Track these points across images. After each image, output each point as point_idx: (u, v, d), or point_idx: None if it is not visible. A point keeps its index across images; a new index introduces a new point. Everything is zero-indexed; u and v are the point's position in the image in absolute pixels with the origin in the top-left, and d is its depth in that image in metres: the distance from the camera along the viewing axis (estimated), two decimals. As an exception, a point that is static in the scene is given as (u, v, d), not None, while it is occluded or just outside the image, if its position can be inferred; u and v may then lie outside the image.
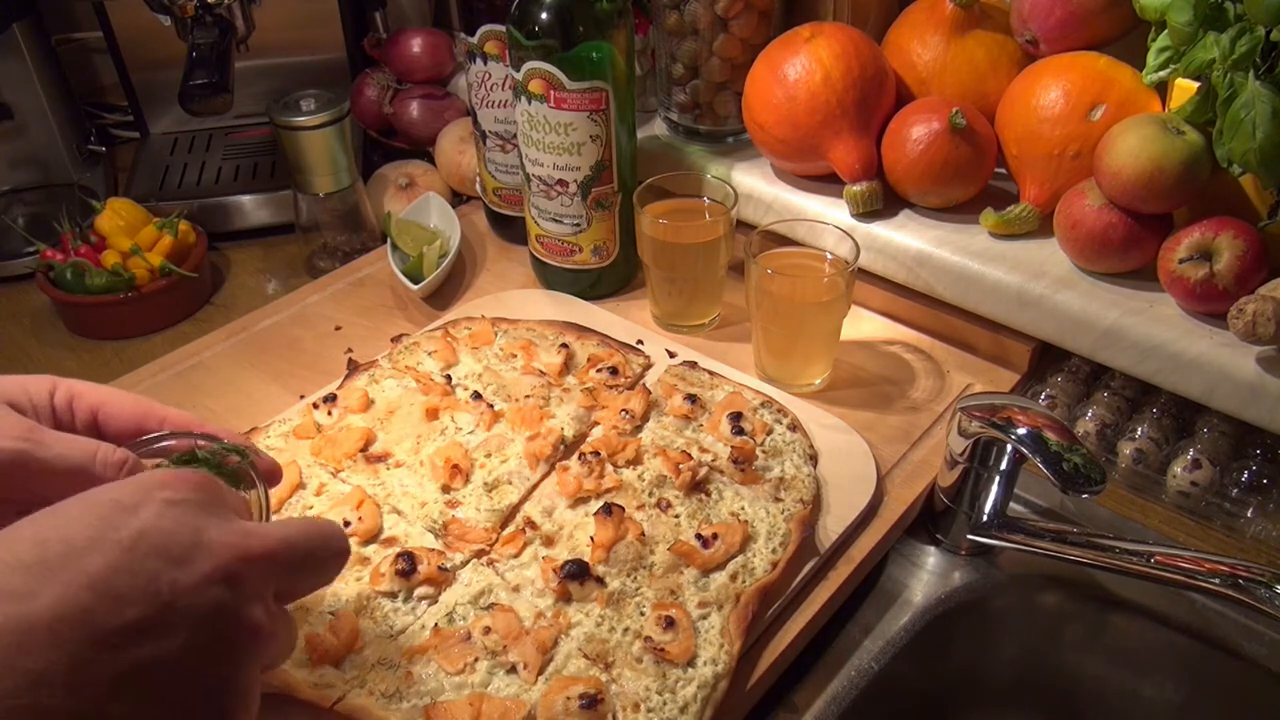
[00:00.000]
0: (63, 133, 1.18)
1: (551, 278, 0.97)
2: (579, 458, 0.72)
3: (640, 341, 0.88)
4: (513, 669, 0.59)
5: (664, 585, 0.64)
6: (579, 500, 0.70)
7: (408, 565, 0.64)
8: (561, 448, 0.75)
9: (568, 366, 0.83)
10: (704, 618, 0.62)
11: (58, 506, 0.35)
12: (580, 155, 0.87)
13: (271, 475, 0.53)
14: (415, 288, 0.94)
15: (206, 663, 0.36)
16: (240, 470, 0.51)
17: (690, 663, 0.60)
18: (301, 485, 0.72)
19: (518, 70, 0.84)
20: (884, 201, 0.88)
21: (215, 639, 0.36)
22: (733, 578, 0.64)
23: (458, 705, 0.57)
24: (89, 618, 0.32)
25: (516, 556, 0.67)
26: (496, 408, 0.78)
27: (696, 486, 0.71)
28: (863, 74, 0.87)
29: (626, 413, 0.77)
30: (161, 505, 0.37)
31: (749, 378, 0.83)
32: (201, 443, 0.51)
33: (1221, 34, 0.70)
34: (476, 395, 0.79)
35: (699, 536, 0.66)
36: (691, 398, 0.78)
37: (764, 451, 0.74)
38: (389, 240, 1.00)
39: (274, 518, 0.58)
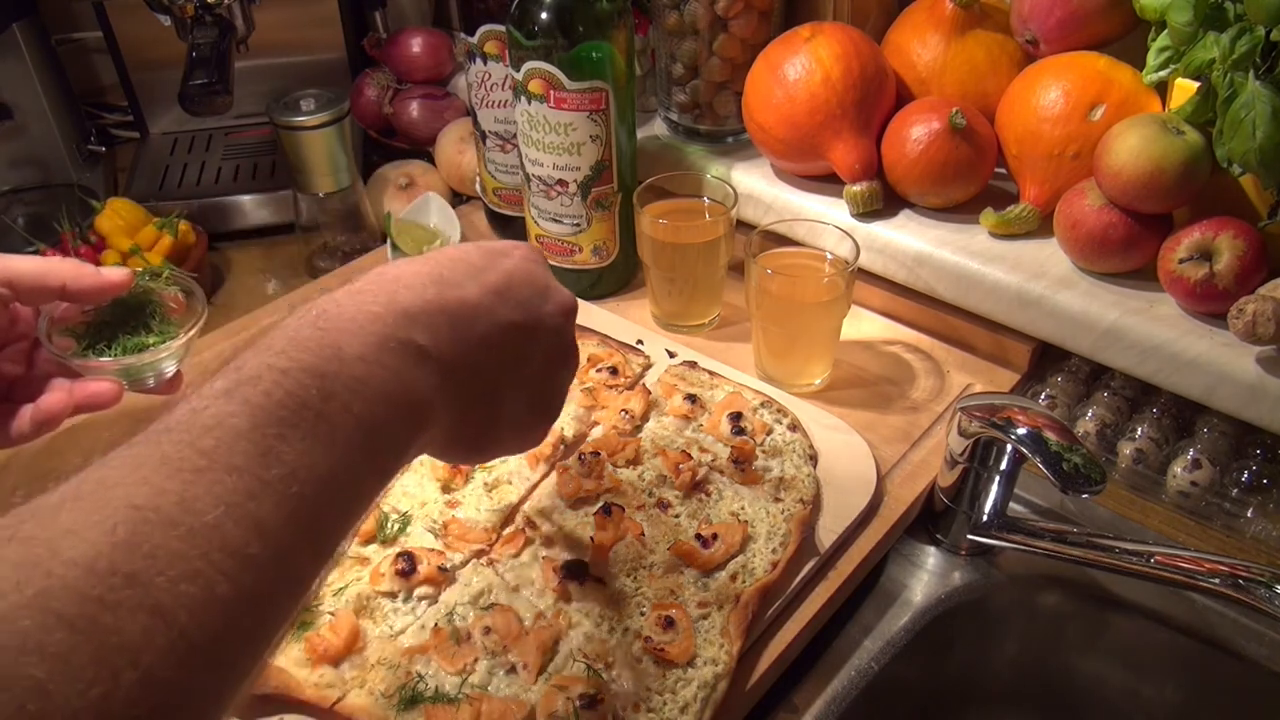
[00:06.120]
0: (63, 133, 1.18)
1: (551, 278, 0.97)
2: (579, 458, 0.72)
3: (640, 341, 0.88)
4: (513, 669, 0.59)
5: (664, 585, 0.64)
6: (579, 500, 0.70)
7: (408, 565, 0.64)
8: (561, 448, 0.75)
9: (568, 366, 0.83)
10: (704, 618, 0.62)
11: (457, 247, 0.50)
12: (580, 155, 0.87)
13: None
14: (415, 288, 0.93)
15: (553, 364, 0.52)
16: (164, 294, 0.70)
17: (690, 663, 0.60)
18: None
19: (518, 70, 0.84)
20: (884, 201, 0.88)
21: (559, 350, 0.52)
22: (733, 578, 0.64)
23: (458, 705, 0.57)
24: (494, 308, 0.47)
25: (516, 556, 0.67)
26: (496, 408, 0.78)
27: (696, 486, 0.71)
28: (863, 74, 0.87)
29: (626, 413, 0.77)
30: (522, 257, 0.51)
31: (749, 378, 0.83)
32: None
33: (1221, 34, 0.70)
34: (476, 395, 0.79)
35: (699, 536, 0.66)
36: (691, 398, 0.78)
37: (764, 451, 0.74)
38: (389, 240, 1.00)
39: None
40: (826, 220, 0.88)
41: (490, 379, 0.47)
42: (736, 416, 0.75)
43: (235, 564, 0.31)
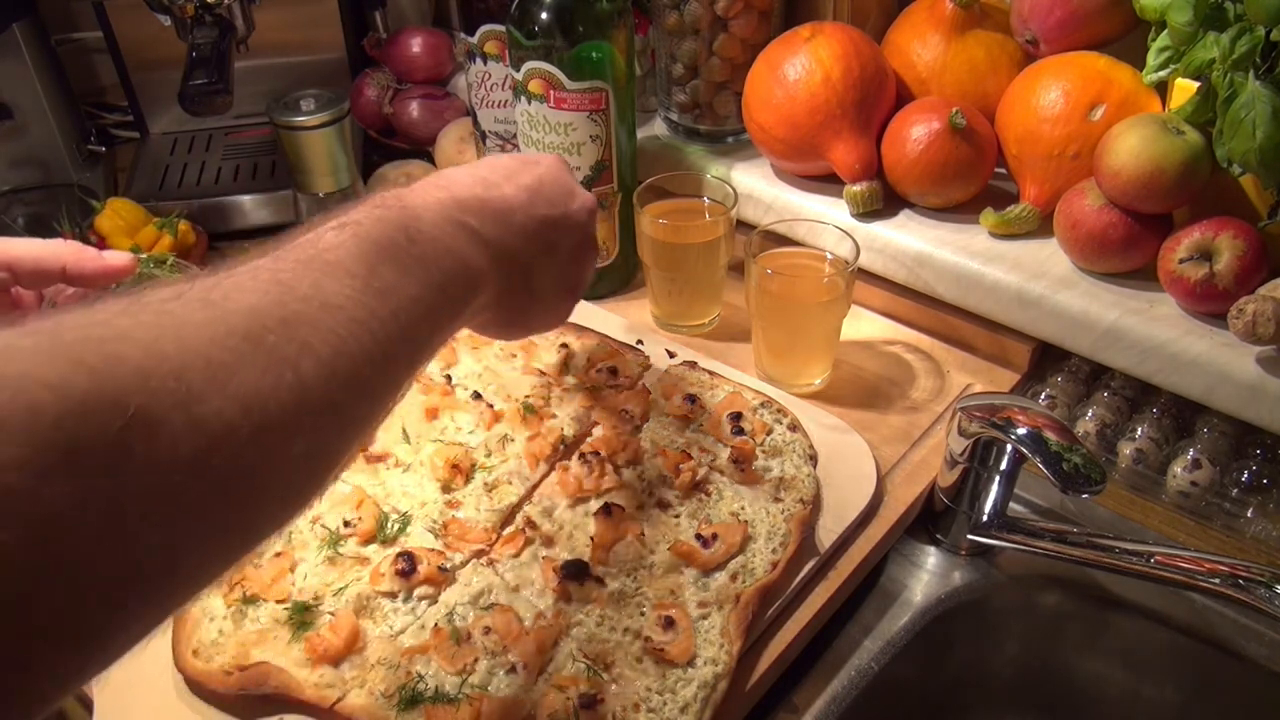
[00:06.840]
0: (63, 133, 1.18)
1: (551, 278, 0.97)
2: (579, 458, 0.72)
3: (640, 341, 0.88)
4: (513, 669, 0.59)
5: (664, 585, 0.64)
6: (579, 500, 0.70)
7: (408, 565, 0.64)
8: (561, 448, 0.75)
9: (567, 366, 0.83)
10: (704, 618, 0.62)
11: (496, 157, 0.62)
12: (580, 155, 0.87)
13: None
14: (415, 288, 0.93)
15: (578, 251, 0.63)
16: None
17: (690, 663, 0.60)
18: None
19: (518, 70, 0.84)
20: (884, 201, 0.88)
21: (582, 241, 0.63)
22: (733, 578, 0.64)
23: (458, 705, 0.57)
24: (528, 204, 0.57)
25: (516, 556, 0.67)
26: (496, 408, 0.78)
27: (696, 486, 0.71)
28: (863, 74, 0.87)
29: (626, 413, 0.77)
30: (551, 164, 0.62)
31: (749, 378, 0.83)
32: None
33: (1221, 34, 0.70)
34: (476, 395, 0.79)
35: (699, 536, 0.66)
36: (691, 398, 0.78)
37: (764, 451, 0.74)
38: (389, 240, 1.00)
39: None
40: (826, 220, 0.88)
41: (526, 262, 0.57)
42: (736, 416, 0.75)
43: (359, 331, 0.41)
